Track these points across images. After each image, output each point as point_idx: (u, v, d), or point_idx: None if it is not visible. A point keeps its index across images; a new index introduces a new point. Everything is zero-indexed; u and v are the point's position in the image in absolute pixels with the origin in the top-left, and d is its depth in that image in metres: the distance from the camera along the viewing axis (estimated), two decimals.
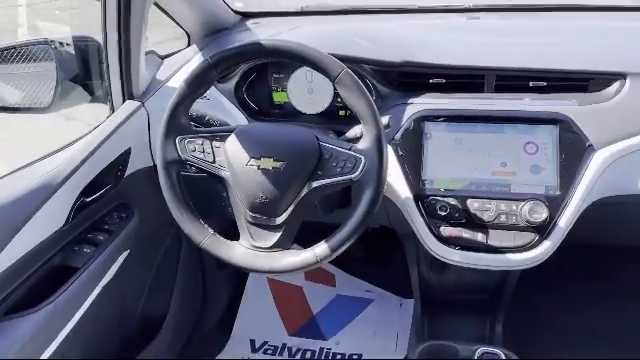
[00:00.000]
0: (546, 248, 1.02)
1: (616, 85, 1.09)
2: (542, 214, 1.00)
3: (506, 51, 1.16)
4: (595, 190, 1.03)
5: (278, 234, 0.94)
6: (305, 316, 1.81)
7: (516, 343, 1.47)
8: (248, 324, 1.80)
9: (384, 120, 0.96)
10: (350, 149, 0.90)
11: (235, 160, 0.94)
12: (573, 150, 1.04)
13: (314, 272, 1.89)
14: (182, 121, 0.97)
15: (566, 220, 1.02)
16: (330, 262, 1.87)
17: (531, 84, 1.13)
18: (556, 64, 1.11)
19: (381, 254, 1.86)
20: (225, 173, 0.96)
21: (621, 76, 1.08)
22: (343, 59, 0.95)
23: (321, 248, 0.90)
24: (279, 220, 0.93)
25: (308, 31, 1.33)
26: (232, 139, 0.95)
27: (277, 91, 1.26)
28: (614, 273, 1.70)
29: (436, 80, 1.16)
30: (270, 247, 0.94)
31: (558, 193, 1.03)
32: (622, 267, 1.67)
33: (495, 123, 1.09)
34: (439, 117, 1.11)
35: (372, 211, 0.88)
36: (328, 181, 0.91)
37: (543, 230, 1.02)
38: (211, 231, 0.97)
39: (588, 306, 1.68)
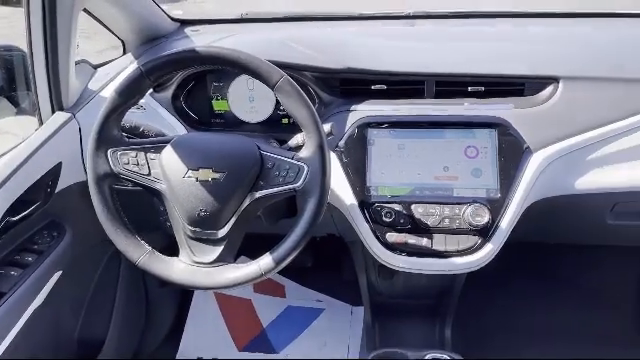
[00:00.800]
0: (489, 250, 1.03)
1: (550, 89, 1.12)
2: (484, 217, 1.02)
3: (444, 57, 1.18)
4: (534, 191, 1.06)
5: (220, 248, 0.90)
6: (255, 330, 1.77)
7: (465, 346, 1.49)
8: (195, 341, 1.74)
9: (326, 127, 0.94)
10: (292, 158, 0.88)
11: (172, 172, 0.90)
12: (511, 153, 1.06)
13: (263, 284, 1.85)
14: (114, 132, 0.92)
15: (507, 222, 1.03)
16: (279, 273, 1.86)
17: (470, 89, 1.14)
18: (492, 69, 1.13)
19: (330, 262, 1.85)
20: (161, 186, 0.91)
21: (554, 80, 1.11)
22: (283, 66, 0.93)
23: (265, 261, 0.87)
24: (221, 233, 0.90)
25: (247, 38, 1.30)
26: (168, 150, 0.91)
27: (217, 100, 1.23)
28: (558, 271, 1.75)
29: (377, 86, 1.16)
30: (212, 262, 0.90)
31: (499, 196, 1.04)
32: (565, 265, 1.73)
33: (436, 128, 1.10)
34: (382, 123, 1.11)
35: (316, 220, 0.86)
36: (271, 191, 0.88)
37: (486, 232, 1.03)
38: (149, 248, 0.93)
39: (534, 305, 1.72)
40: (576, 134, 1.07)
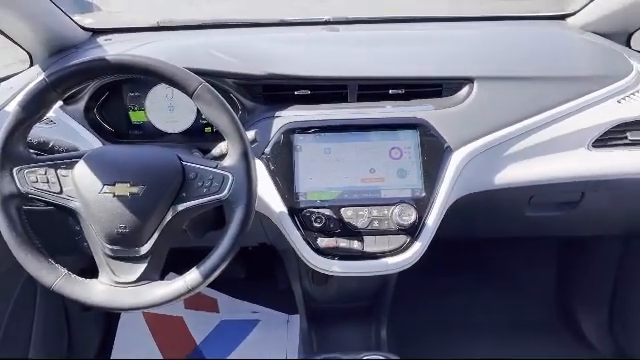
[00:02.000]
0: (418, 248, 1.05)
1: (466, 89, 1.16)
2: (411, 216, 1.03)
3: (365, 61, 1.20)
4: (456, 188, 1.09)
5: (143, 266, 0.86)
6: (188, 347, 1.71)
7: (401, 345, 1.51)
8: None
9: (250, 134, 0.92)
10: (216, 167, 0.85)
11: (86, 189, 0.84)
12: (433, 152, 1.08)
13: (194, 299, 1.79)
14: (19, 149, 0.86)
15: (433, 220, 1.06)
16: (211, 286, 1.81)
17: (391, 92, 1.16)
18: (410, 72, 1.16)
19: (264, 272, 1.82)
20: (75, 204, 0.85)
21: (469, 80, 1.16)
22: (202, 73, 0.91)
23: (192, 276, 0.84)
24: (143, 250, 0.85)
25: (163, 46, 1.25)
26: (81, 165, 0.85)
27: (134, 110, 1.17)
28: (483, 265, 1.82)
29: (301, 92, 1.16)
30: (135, 281, 0.85)
31: (424, 195, 1.06)
32: (490, 258, 1.80)
33: (361, 131, 1.11)
34: (307, 128, 1.10)
35: (244, 230, 0.84)
36: (195, 203, 0.85)
37: (413, 231, 1.05)
38: (64, 271, 0.86)
39: (464, 299, 1.78)
40: (492, 131, 1.12)
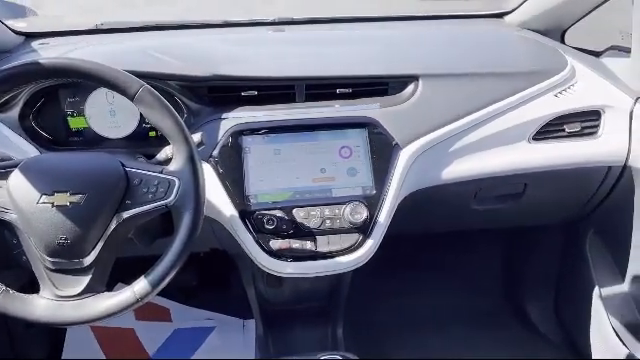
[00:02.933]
0: (371, 246, 1.06)
1: (411, 87, 1.18)
2: (363, 214, 1.04)
3: (312, 61, 1.20)
4: (406, 185, 1.10)
5: (87, 278, 0.82)
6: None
7: (358, 343, 1.52)
8: None
9: (196, 137, 0.90)
10: (162, 172, 0.83)
11: (22, 199, 0.80)
12: (382, 150, 1.10)
13: (146, 309, 1.73)
14: None
15: (384, 217, 1.07)
16: (163, 295, 1.76)
17: (338, 91, 1.17)
18: (357, 71, 1.17)
19: (217, 278, 1.79)
20: (11, 216, 0.81)
21: (414, 78, 1.17)
22: (144, 76, 0.88)
23: (141, 285, 0.81)
24: (87, 261, 0.82)
25: (102, 49, 1.21)
26: (16, 175, 0.81)
27: (73, 116, 1.12)
28: (434, 260, 1.86)
29: (248, 93, 1.14)
30: (79, 294, 0.82)
31: (374, 192, 1.07)
32: (440, 253, 1.84)
33: (310, 131, 1.11)
34: (256, 130, 1.09)
35: (193, 236, 0.82)
36: (140, 210, 0.82)
37: (365, 229, 1.05)
38: (2, 287, 0.82)
39: (417, 294, 1.81)
40: (438, 128, 1.14)
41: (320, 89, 1.16)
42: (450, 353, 1.61)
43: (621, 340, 1.37)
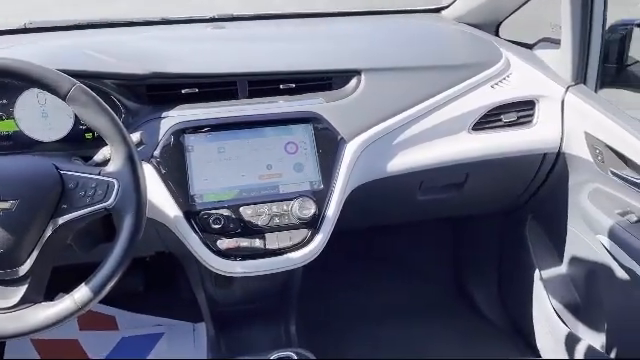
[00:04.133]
0: (320, 240, 1.06)
1: (354, 81, 1.18)
2: (311, 209, 1.04)
3: (253, 57, 1.18)
4: (352, 179, 1.11)
5: (23, 288, 0.78)
6: None
7: (311, 339, 1.52)
8: None
9: (135, 137, 0.87)
10: (99, 174, 0.80)
11: None
12: (328, 145, 1.10)
13: (90, 319, 1.67)
14: None
15: (333, 211, 1.07)
16: (107, 303, 1.70)
17: (282, 87, 1.16)
18: (299, 66, 1.17)
19: (164, 282, 1.74)
20: None
21: (357, 72, 1.18)
22: (77, 75, 0.84)
23: (81, 293, 0.77)
24: (22, 271, 0.77)
25: (32, 48, 1.15)
26: None
27: (2, 120, 1.06)
28: (383, 252, 1.88)
29: (188, 90, 1.12)
30: (15, 305, 0.77)
31: (322, 187, 1.07)
32: (388, 245, 1.87)
33: (254, 128, 1.09)
34: (198, 128, 1.06)
35: (135, 239, 0.79)
36: (77, 214, 0.78)
37: (314, 224, 1.05)
38: None
39: (368, 287, 1.83)
40: (382, 121, 1.15)
41: (263, 85, 1.15)
42: (401, 342, 1.64)
43: (561, 320, 1.43)
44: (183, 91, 1.11)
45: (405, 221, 1.55)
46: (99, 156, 0.87)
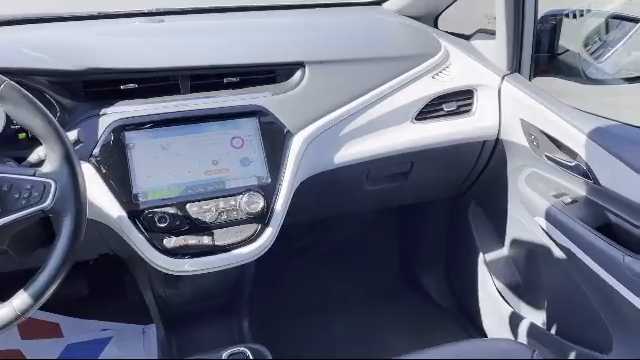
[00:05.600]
0: (269, 235, 1.05)
1: (298, 74, 1.18)
2: (259, 203, 1.03)
3: (195, 51, 1.16)
4: (300, 171, 1.11)
5: None
6: None
7: (265, 334, 1.52)
8: None
9: (72, 135, 0.84)
10: (34, 174, 0.76)
11: None
12: (274, 138, 1.09)
13: (32, 327, 1.59)
14: None
15: (281, 204, 1.07)
16: (51, 309, 1.63)
17: (225, 81, 1.14)
18: (242, 59, 1.15)
19: (110, 285, 1.69)
20: None
21: (301, 65, 1.18)
22: (8, 72, 0.81)
23: (20, 299, 0.74)
24: None
25: None
26: None
27: None
28: (337, 243, 1.90)
29: (128, 86, 1.08)
30: None
31: (269, 181, 1.07)
32: (338, 236, 1.88)
33: (198, 123, 1.07)
34: (139, 124, 1.04)
35: (76, 242, 0.76)
36: (12, 218, 0.74)
37: (263, 218, 1.05)
38: None
39: (319, 279, 1.84)
40: (328, 113, 1.16)
41: (205, 79, 1.13)
42: (354, 331, 1.66)
43: (505, 300, 1.49)
44: (122, 87, 1.08)
45: (354, 212, 1.56)
46: (34, 156, 0.83)
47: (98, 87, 1.07)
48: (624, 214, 1.05)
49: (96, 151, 0.99)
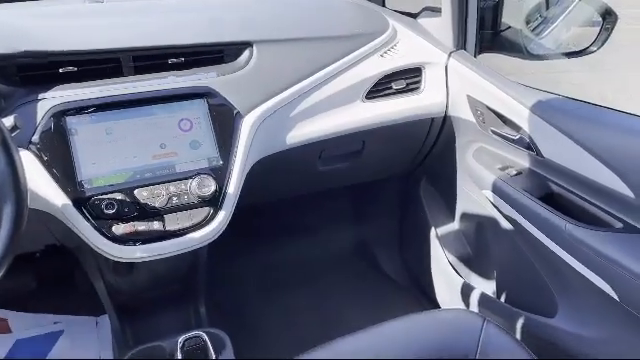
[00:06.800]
0: (222, 218, 1.04)
1: (246, 53, 1.16)
2: (211, 187, 1.02)
3: (137, 32, 1.12)
4: (252, 153, 1.10)
5: None
6: None
7: (223, 317, 1.51)
8: None
9: (8, 121, 0.80)
10: None
11: None
12: (224, 120, 1.07)
13: None
14: None
15: (234, 187, 1.05)
16: None
17: (170, 62, 1.11)
18: (187, 39, 1.12)
19: (59, 277, 1.63)
20: None
21: (248, 45, 1.16)
22: None
23: None
24: None
25: None
26: None
27: None
28: (294, 222, 1.90)
29: (67, 69, 1.04)
30: None
31: (221, 163, 1.05)
32: (298, 215, 1.89)
33: (144, 106, 1.04)
34: (81, 109, 0.99)
35: (17, 232, 0.72)
36: None
37: (215, 202, 1.03)
38: None
39: (278, 258, 1.84)
40: (278, 93, 1.15)
41: (149, 60, 1.09)
42: (310, 310, 1.68)
43: (457, 272, 1.54)
44: (60, 70, 1.03)
45: (307, 192, 1.57)
46: None
47: (34, 71, 1.01)
48: (565, 184, 1.10)
49: (35, 138, 0.94)
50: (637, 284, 0.90)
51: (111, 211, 0.96)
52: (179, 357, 1.14)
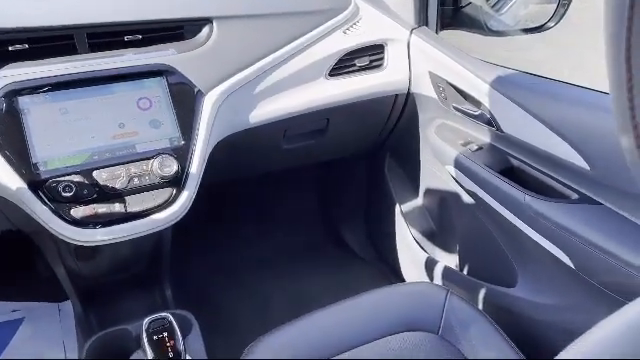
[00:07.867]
0: (186, 198, 1.02)
1: (206, 30, 1.14)
2: (173, 167, 1.00)
3: (91, 7, 1.07)
4: (215, 132, 1.08)
5: None
6: None
7: (189, 299, 1.50)
8: None
9: None
10: None
11: None
12: (184, 98, 1.05)
13: None
14: None
15: (197, 167, 1.04)
16: None
17: (126, 39, 1.08)
18: (144, 16, 1.09)
19: (17, 263, 1.58)
20: None
21: (208, 21, 1.14)
22: None
23: None
24: None
25: None
26: None
27: None
28: (259, 202, 1.90)
29: (17, 47, 0.99)
30: None
31: (182, 143, 1.03)
32: (264, 195, 1.88)
33: (100, 84, 1.01)
34: (34, 88, 0.96)
35: None
36: None
37: (178, 182, 1.02)
38: None
39: (241, 240, 1.83)
40: (239, 70, 1.13)
41: (105, 37, 1.06)
42: (278, 290, 1.68)
43: (421, 247, 1.57)
44: (10, 48, 0.98)
45: (273, 171, 1.56)
46: None
47: None
48: (524, 157, 1.12)
49: None
50: (591, 252, 0.93)
51: (69, 194, 0.93)
52: (144, 339, 1.12)
